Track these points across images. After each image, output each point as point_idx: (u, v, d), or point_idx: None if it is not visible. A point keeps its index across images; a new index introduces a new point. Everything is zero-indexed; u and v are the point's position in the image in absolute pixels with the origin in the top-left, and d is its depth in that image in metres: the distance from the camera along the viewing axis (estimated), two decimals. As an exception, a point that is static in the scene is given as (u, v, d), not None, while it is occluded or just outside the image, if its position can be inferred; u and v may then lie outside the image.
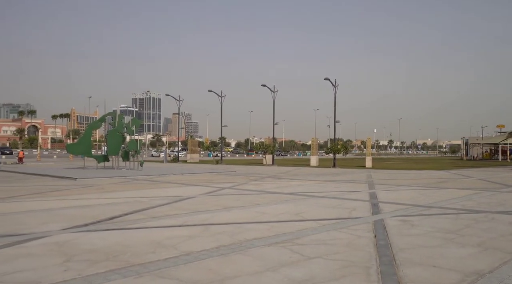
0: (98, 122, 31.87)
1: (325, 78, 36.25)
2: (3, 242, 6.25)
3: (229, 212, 9.65)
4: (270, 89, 41.85)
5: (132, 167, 26.48)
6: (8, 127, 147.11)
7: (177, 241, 6.39)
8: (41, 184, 17.01)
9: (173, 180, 19.76)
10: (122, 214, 9.03)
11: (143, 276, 4.67)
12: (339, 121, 59.64)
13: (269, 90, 41.87)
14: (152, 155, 72.99)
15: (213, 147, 53.44)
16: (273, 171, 29.06)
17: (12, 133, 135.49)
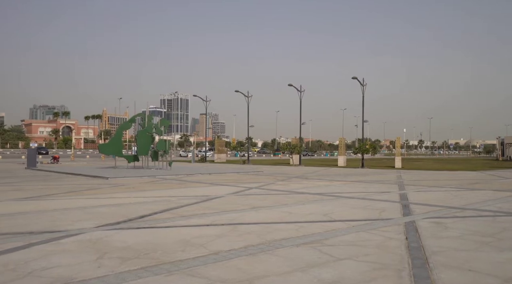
0: (128, 123, 32.66)
1: (352, 77, 35.74)
2: (41, 238, 6.50)
3: (256, 212, 9.66)
4: (296, 88, 41.64)
5: (161, 167, 26.97)
6: (44, 128, 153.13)
7: (205, 240, 6.45)
8: (75, 183, 17.59)
9: (201, 179, 19.99)
10: (152, 213, 9.21)
11: (173, 274, 4.74)
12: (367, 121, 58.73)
13: (295, 89, 41.68)
14: (180, 155, 74.12)
15: (240, 147, 53.68)
16: (300, 171, 28.89)
17: (48, 134, 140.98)
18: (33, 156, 31.39)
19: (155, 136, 28.41)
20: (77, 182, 18.30)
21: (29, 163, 30.74)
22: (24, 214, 9.01)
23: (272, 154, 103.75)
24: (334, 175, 24.59)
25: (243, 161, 44.07)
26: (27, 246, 6.02)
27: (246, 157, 46.42)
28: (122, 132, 31.04)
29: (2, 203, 10.79)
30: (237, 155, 67.59)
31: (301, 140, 44.81)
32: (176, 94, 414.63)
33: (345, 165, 37.80)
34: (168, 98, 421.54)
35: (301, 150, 41.48)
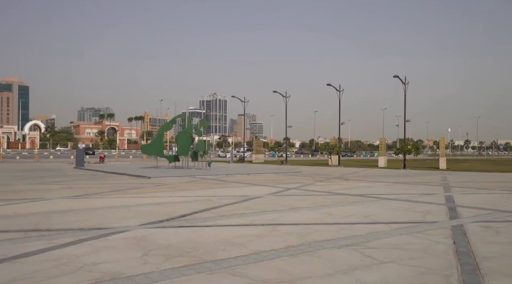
0: (169, 124, 33.50)
1: (394, 75, 34.73)
2: (91, 235, 6.82)
3: (296, 212, 9.61)
4: (335, 88, 41.04)
5: (200, 167, 27.47)
6: (91, 129, 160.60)
7: (246, 240, 6.50)
8: (120, 182, 18.30)
9: (240, 180, 20.16)
10: (193, 212, 9.40)
11: (215, 272, 4.81)
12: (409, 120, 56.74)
13: (334, 89, 41.08)
14: (218, 156, 75.18)
15: (277, 148, 53.52)
16: (339, 172, 28.44)
17: (94, 135, 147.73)
18: (81, 156, 33.00)
19: (195, 136, 28.97)
20: (122, 181, 19.02)
21: (77, 163, 32.34)
22: (74, 211, 9.49)
23: (310, 154, 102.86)
24: (374, 176, 24.00)
25: (281, 162, 43.99)
26: (78, 241, 6.33)
27: (284, 158, 46.32)
28: (163, 133, 31.89)
29: (54, 201, 11.42)
30: (275, 155, 67.58)
31: (340, 141, 44.11)
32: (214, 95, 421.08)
33: (386, 166, 36.79)
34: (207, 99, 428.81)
35: (340, 150, 40.84)
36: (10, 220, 8.19)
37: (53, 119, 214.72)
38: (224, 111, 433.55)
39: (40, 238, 6.58)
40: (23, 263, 5.13)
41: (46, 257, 5.40)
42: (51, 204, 10.78)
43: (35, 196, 12.57)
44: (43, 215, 8.78)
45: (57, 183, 17.76)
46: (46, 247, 5.92)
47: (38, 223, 7.83)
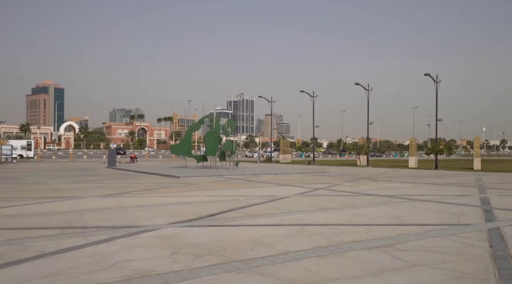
0: (197, 124, 33.92)
1: (425, 73, 33.80)
2: (122, 233, 7.01)
3: (324, 213, 9.52)
4: (364, 87, 40.37)
5: (228, 167, 27.68)
6: (122, 130, 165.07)
7: (274, 240, 6.49)
8: (150, 182, 18.70)
9: (267, 180, 20.17)
10: (221, 212, 9.48)
11: (243, 272, 4.84)
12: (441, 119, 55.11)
13: (363, 88, 40.42)
14: (246, 156, 75.51)
15: (305, 148, 53.18)
16: (368, 172, 27.95)
17: (125, 135, 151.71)
18: (113, 156, 33.97)
19: (223, 137, 29.22)
20: (152, 180, 19.43)
21: (109, 163, 33.30)
22: (106, 209, 9.78)
23: (338, 154, 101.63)
24: (404, 176, 23.44)
25: (309, 162, 43.69)
26: (111, 239, 6.52)
27: (312, 158, 45.98)
28: (191, 133, 32.36)
29: (88, 199, 11.81)
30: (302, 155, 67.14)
31: (368, 140, 43.35)
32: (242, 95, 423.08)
33: (417, 167, 35.84)
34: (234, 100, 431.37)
35: (368, 150, 40.14)
36: (47, 218, 8.53)
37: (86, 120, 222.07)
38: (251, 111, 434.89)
39: (75, 235, 6.82)
40: (60, 258, 5.33)
41: (81, 254, 5.59)
42: (85, 202, 11.15)
43: (70, 194, 13.03)
44: (78, 213, 9.09)
45: (90, 182, 18.34)
46: (81, 244, 6.13)
47: (73, 221, 8.12)
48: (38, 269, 4.88)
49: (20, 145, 53.93)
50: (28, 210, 9.62)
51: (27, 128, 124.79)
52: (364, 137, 43.92)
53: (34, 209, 9.80)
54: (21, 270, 4.85)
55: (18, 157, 50.42)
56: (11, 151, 44.66)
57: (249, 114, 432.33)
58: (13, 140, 63.28)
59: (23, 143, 55.99)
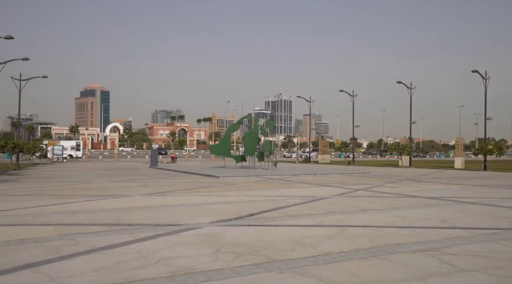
0: (236, 124, 34.23)
1: (473, 70, 32.21)
2: (166, 231, 7.22)
3: (365, 214, 9.33)
4: (406, 86, 39.10)
5: (266, 167, 27.75)
6: (163, 130, 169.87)
7: (314, 241, 6.44)
8: (190, 181, 19.12)
9: (306, 180, 20.03)
10: (260, 211, 9.53)
11: (285, 272, 4.84)
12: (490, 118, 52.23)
13: (405, 87, 39.14)
14: (284, 156, 75.34)
15: (344, 148, 52.23)
16: (410, 173, 27.04)
17: (166, 136, 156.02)
18: (155, 156, 35.03)
19: (261, 137, 29.33)
20: (192, 180, 19.85)
21: (152, 162, 34.38)
22: (150, 208, 10.11)
23: (378, 155, 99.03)
24: (450, 178, 22.46)
25: (348, 162, 42.92)
26: (155, 236, 6.74)
27: (351, 158, 45.13)
28: (230, 133, 32.72)
29: (133, 198, 12.26)
30: (341, 156, 66.02)
31: (411, 140, 41.93)
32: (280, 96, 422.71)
33: (463, 168, 34.24)
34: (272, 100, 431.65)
35: (411, 150, 38.81)
36: (96, 215, 8.94)
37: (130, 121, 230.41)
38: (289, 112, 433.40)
39: (122, 232, 7.11)
40: (108, 254, 5.58)
41: (127, 250, 5.82)
42: (130, 200, 11.58)
43: (116, 193, 13.59)
44: (124, 211, 9.46)
45: (134, 181, 19.02)
46: (128, 240, 6.38)
47: (120, 218, 8.46)
48: (89, 263, 5.13)
49: (70, 146, 56.92)
50: (79, 207, 10.13)
51: (76, 129, 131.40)
52: (406, 137, 42.52)
53: (84, 206, 10.31)
54: (74, 263, 5.12)
55: (68, 157, 53.19)
56: (62, 151, 47.18)
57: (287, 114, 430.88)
58: (64, 140, 66.84)
59: (73, 143, 59.05)
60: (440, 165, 41.66)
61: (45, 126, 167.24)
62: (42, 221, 8.08)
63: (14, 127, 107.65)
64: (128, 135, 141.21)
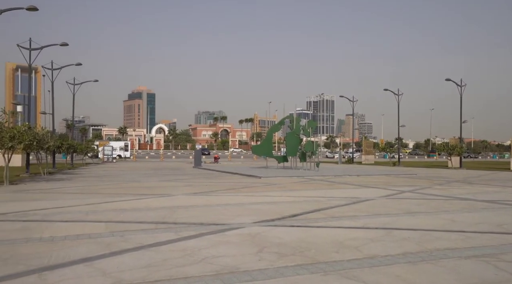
0: (278, 125, 34.27)
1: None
2: (210, 230, 7.35)
3: (412, 217, 8.99)
4: (456, 83, 37.30)
5: (309, 168, 27.51)
6: (206, 131, 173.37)
7: (359, 243, 6.30)
8: (233, 181, 19.35)
9: (349, 181, 19.64)
10: (303, 212, 9.46)
11: (329, 274, 4.77)
12: None
13: (455, 84, 37.34)
14: (326, 156, 74.37)
15: (389, 148, 50.73)
16: (461, 174, 25.74)
17: (209, 136, 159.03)
18: (198, 157, 35.82)
19: (303, 137, 29.13)
20: (235, 180, 20.08)
21: (195, 163, 35.17)
22: (194, 207, 10.34)
23: (425, 155, 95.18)
24: (506, 180, 21.12)
25: (393, 163, 41.61)
26: (200, 235, 6.88)
27: (397, 159, 43.70)
28: (272, 134, 32.76)
29: (178, 197, 12.60)
30: (386, 156, 64.13)
31: (461, 140, 39.92)
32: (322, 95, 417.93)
33: (521, 169, 32.08)
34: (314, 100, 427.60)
35: (462, 151, 36.95)
36: (143, 213, 9.28)
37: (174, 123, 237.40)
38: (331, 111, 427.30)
39: (168, 230, 7.32)
40: (155, 251, 5.77)
41: (173, 248, 5.99)
42: (176, 199, 11.91)
43: (162, 192, 14.03)
44: (169, 210, 9.75)
45: (179, 180, 19.55)
46: (173, 239, 6.57)
47: (166, 217, 8.73)
48: (138, 259, 5.34)
49: (119, 146, 59.53)
50: (127, 205, 10.57)
51: (124, 130, 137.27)
52: (456, 137, 40.57)
53: (132, 204, 10.74)
54: (124, 259, 5.34)
55: (117, 157, 55.61)
56: (112, 152, 49.40)
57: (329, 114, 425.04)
58: (113, 141, 70.00)
59: (121, 144, 61.71)
60: (494, 166, 39.35)
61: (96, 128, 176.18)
62: (94, 218, 8.51)
63: (69, 129, 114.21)
64: (172, 136, 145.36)
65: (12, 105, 36.17)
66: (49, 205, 10.53)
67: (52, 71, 30.72)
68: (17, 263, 5.15)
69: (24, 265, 5.05)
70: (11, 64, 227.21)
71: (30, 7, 19.45)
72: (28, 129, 18.23)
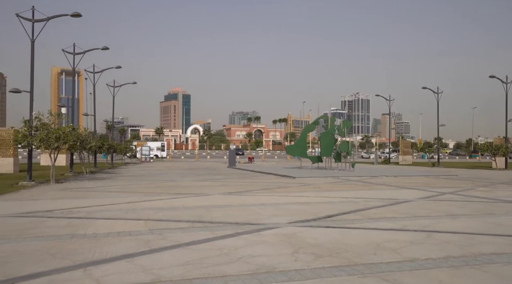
0: (312, 125, 33.97)
1: None
2: (245, 229, 7.41)
3: (454, 219, 8.66)
4: (501, 80, 35.52)
5: (344, 168, 27.10)
6: (240, 131, 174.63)
7: (398, 245, 6.15)
8: (267, 181, 19.39)
9: (386, 182, 19.16)
10: (339, 213, 9.34)
11: (367, 276, 4.69)
12: None
13: (499, 81, 35.56)
14: (361, 157, 72.93)
15: (427, 148, 48.96)
16: (507, 176, 24.49)
17: (243, 137, 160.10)
18: (233, 157, 36.15)
19: (338, 137, 28.73)
20: (269, 180, 20.10)
21: (230, 163, 35.52)
22: (230, 206, 10.45)
23: (467, 156, 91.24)
24: (557, 182, 19.87)
25: (432, 164, 40.21)
26: (235, 234, 6.95)
27: (436, 159, 42.19)
28: (306, 134, 32.53)
29: (213, 196, 12.78)
30: (425, 157, 62.03)
31: (507, 140, 37.95)
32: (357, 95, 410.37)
33: None
34: (349, 99, 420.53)
35: (507, 151, 35.13)
36: (180, 212, 9.48)
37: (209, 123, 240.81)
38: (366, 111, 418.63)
39: (204, 228, 7.45)
40: (193, 249, 5.88)
41: (210, 246, 6.08)
42: (211, 199, 12.09)
43: (197, 191, 14.28)
44: (205, 209, 9.91)
45: (214, 180, 19.82)
46: (210, 237, 6.67)
47: (202, 216, 8.88)
48: (176, 257, 5.47)
49: (156, 147, 61.15)
50: (165, 204, 10.84)
51: (160, 131, 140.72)
52: (501, 136, 38.60)
53: (169, 203, 11.00)
54: (163, 256, 5.49)
55: (154, 157, 57.14)
56: (149, 152, 50.82)
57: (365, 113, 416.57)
58: (150, 142, 72.00)
59: (158, 144, 63.35)
60: (543, 167, 37.11)
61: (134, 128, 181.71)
62: (134, 216, 8.79)
63: (109, 130, 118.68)
64: (207, 136, 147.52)
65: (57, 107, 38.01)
66: (91, 203, 10.99)
67: (94, 74, 32.03)
68: (63, 258, 5.41)
69: (70, 260, 5.31)
70: (56, 68, 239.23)
71: (75, 13, 20.27)
72: (72, 130, 19.08)
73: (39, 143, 17.23)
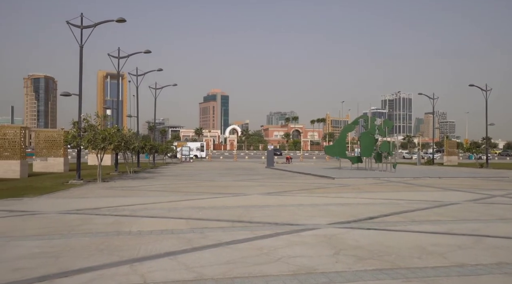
0: (352, 125, 33.35)
1: None
2: (284, 230, 7.40)
3: (506, 224, 8.20)
4: (480, 88, 33.14)
5: (384, 169, 26.39)
6: (278, 132, 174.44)
7: (444, 250, 5.90)
8: (305, 181, 19.24)
9: (430, 183, 18.45)
10: (380, 215, 9.11)
11: (412, 281, 4.54)
12: None
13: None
14: (403, 157, 70.70)
15: (475, 149, 46.64)
16: None
17: (281, 137, 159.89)
18: (271, 157, 36.19)
19: (378, 137, 28.02)
20: (307, 181, 19.95)
21: (268, 163, 35.59)
22: (269, 206, 10.47)
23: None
24: None
25: (480, 165, 38.27)
26: (275, 235, 6.96)
27: (484, 160, 40.10)
28: (345, 134, 31.98)
29: (252, 196, 12.86)
30: (472, 157, 59.18)
31: None
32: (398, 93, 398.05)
33: None
34: (390, 99, 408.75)
35: None
36: (220, 211, 9.62)
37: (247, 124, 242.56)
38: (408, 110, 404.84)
39: (244, 228, 7.52)
40: (233, 249, 5.95)
41: (250, 246, 6.13)
42: (250, 199, 12.17)
43: (236, 191, 14.42)
44: (244, 209, 9.99)
45: (252, 180, 19.93)
46: (250, 237, 6.72)
47: (241, 215, 8.96)
48: (217, 255, 5.55)
49: (195, 147, 62.42)
50: (205, 203, 11.03)
51: (200, 131, 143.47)
52: (558, 136, 36.09)
53: (209, 203, 11.19)
54: (205, 255, 5.60)
55: (194, 157, 58.33)
56: (189, 152, 51.96)
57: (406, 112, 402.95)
58: (190, 142, 73.57)
59: (198, 145, 64.63)
60: None
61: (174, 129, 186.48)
62: (175, 215, 9.02)
63: (151, 130, 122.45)
64: (245, 136, 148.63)
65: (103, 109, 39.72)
66: (135, 201, 11.39)
67: (137, 77, 33.20)
68: (111, 254, 5.65)
69: (117, 256, 5.53)
70: (102, 72, 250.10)
71: (120, 19, 21.09)
72: (117, 131, 19.87)
73: (87, 143, 18.08)
